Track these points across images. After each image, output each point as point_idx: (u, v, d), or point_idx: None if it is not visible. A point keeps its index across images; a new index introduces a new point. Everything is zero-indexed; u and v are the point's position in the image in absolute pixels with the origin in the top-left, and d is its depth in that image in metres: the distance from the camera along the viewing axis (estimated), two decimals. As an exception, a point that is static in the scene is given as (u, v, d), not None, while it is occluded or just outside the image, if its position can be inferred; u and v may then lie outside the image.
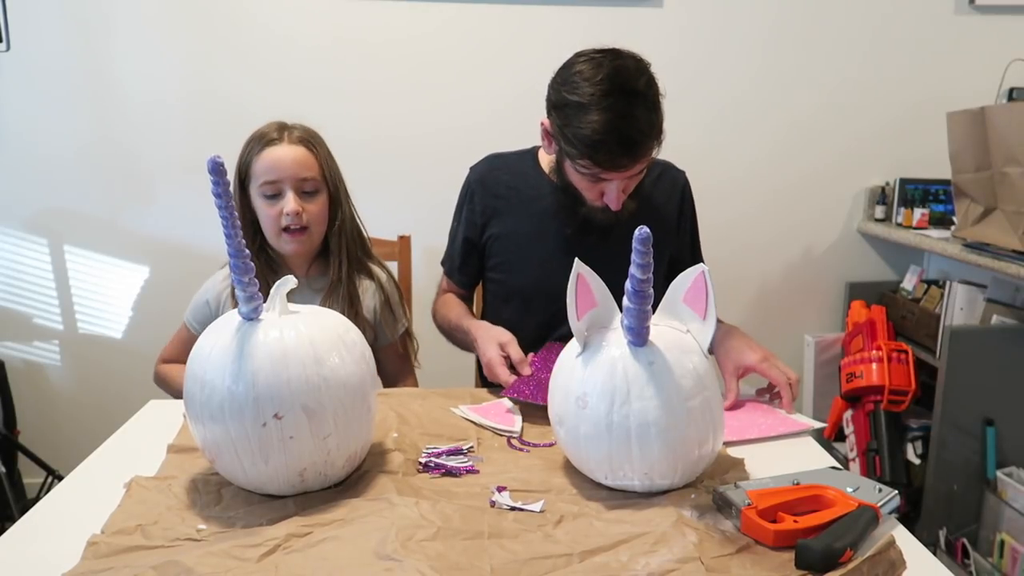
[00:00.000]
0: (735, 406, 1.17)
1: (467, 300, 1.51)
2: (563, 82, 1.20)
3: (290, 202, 1.25)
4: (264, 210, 1.26)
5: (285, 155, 1.25)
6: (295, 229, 1.27)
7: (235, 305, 1.28)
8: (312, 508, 0.85)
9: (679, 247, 1.47)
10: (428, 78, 2.15)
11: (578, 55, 1.22)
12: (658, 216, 1.41)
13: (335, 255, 1.34)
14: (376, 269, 1.41)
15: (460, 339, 1.39)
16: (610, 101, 1.14)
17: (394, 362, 1.44)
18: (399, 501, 0.84)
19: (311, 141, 1.29)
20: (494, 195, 1.42)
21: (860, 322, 2.17)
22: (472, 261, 1.46)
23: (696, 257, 1.51)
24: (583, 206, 1.29)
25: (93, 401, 2.24)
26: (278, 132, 1.27)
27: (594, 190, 1.25)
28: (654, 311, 0.87)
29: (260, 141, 1.26)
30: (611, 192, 1.23)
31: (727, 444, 1.03)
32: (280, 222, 1.26)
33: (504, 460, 0.99)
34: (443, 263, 1.52)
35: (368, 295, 1.38)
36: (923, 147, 2.25)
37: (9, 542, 0.82)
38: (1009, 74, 2.12)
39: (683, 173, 1.49)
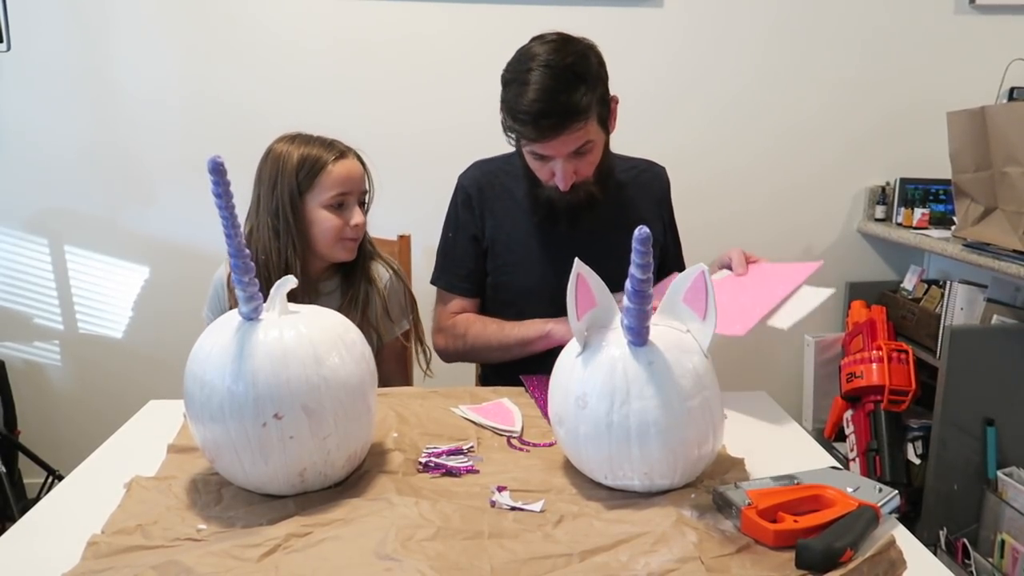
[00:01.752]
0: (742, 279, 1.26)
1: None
2: (511, 62, 1.27)
3: (358, 215, 1.32)
4: (331, 220, 1.29)
5: (354, 169, 1.31)
6: (352, 238, 1.32)
7: (232, 284, 1.31)
8: (312, 508, 0.85)
9: (665, 243, 1.47)
10: (428, 77, 2.15)
11: (533, 38, 1.28)
12: (637, 210, 1.42)
13: (359, 263, 1.37)
14: (381, 269, 1.41)
15: (518, 337, 1.33)
16: (538, 74, 1.19)
17: (388, 363, 1.43)
18: (399, 501, 0.84)
19: (363, 159, 1.35)
20: (488, 197, 1.42)
21: (860, 322, 2.17)
22: (480, 263, 1.44)
23: (678, 254, 1.52)
24: (539, 187, 1.32)
25: (93, 401, 2.24)
26: (344, 147, 1.32)
27: (544, 170, 1.29)
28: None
29: (322, 158, 1.28)
30: (557, 171, 1.26)
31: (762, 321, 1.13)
32: (343, 232, 1.30)
33: (504, 460, 0.99)
34: (436, 282, 1.47)
35: (371, 297, 1.38)
36: (923, 147, 2.25)
37: (9, 542, 0.82)
38: (1009, 74, 2.12)
39: (664, 170, 1.50)
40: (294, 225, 1.27)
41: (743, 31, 2.20)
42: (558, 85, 1.18)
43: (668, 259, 1.48)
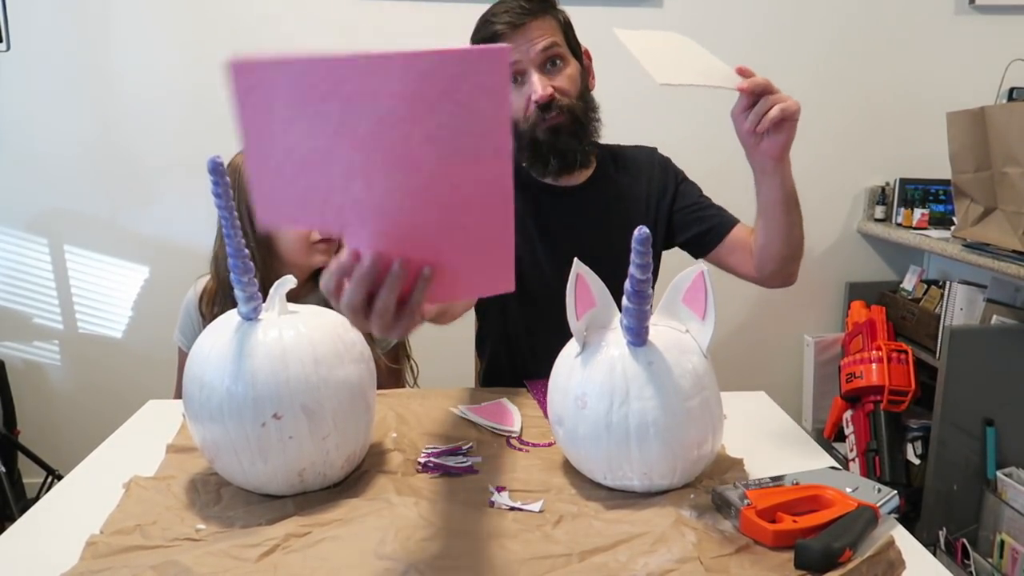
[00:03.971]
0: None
1: None
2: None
3: None
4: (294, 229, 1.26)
5: None
6: (325, 239, 1.30)
7: (204, 308, 1.30)
8: (311, 508, 0.85)
9: (684, 220, 1.44)
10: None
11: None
12: (632, 195, 1.40)
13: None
14: None
15: None
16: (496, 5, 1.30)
17: (379, 379, 1.41)
18: (398, 501, 0.84)
19: None
20: None
21: (860, 322, 2.17)
22: None
23: (712, 216, 1.47)
24: (522, 130, 1.30)
25: (93, 401, 2.25)
26: None
27: (521, 98, 1.29)
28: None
29: None
30: (531, 82, 1.27)
31: None
32: (311, 236, 1.28)
33: (503, 460, 0.99)
34: None
35: None
36: (923, 147, 2.25)
37: (9, 542, 0.82)
38: (1009, 74, 2.12)
39: (656, 150, 1.49)
40: (253, 240, 1.22)
41: (742, 31, 2.21)
42: None
43: (708, 233, 1.45)
